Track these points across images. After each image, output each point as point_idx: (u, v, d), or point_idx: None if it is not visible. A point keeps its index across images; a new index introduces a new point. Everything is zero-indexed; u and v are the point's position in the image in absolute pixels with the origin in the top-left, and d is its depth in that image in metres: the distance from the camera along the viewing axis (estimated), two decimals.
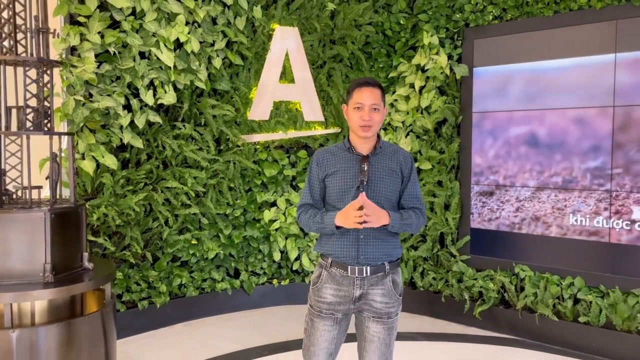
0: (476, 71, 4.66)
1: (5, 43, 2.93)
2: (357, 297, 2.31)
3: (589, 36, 4.09)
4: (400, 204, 2.40)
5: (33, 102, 3.00)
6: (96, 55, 3.96)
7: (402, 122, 4.95)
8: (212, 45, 4.58)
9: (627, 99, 3.93)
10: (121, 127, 4.13)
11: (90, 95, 4.00)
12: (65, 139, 3.67)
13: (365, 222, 2.16)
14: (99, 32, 3.96)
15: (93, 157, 3.99)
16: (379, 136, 2.40)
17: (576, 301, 4.16)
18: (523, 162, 4.44)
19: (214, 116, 4.67)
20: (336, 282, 2.32)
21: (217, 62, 4.56)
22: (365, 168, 2.29)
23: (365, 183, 2.28)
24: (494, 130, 4.58)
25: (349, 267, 2.29)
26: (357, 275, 2.29)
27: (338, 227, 2.26)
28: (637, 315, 3.83)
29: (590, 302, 4.05)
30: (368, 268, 2.29)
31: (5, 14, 2.93)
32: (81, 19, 3.92)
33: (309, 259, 5.04)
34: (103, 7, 4.02)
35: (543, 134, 4.34)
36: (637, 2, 3.84)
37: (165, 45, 4.21)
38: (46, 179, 3.61)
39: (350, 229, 2.26)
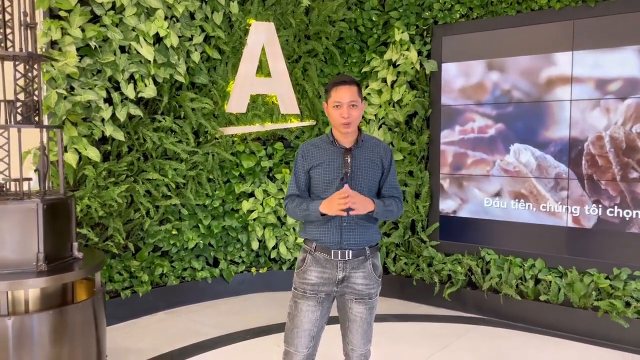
0: (444, 66, 4.91)
1: None
2: (340, 280, 2.44)
3: (548, 35, 4.38)
4: (380, 193, 2.54)
5: (21, 97, 3.07)
6: (77, 49, 4.02)
7: (375, 115, 5.17)
8: (191, 39, 4.68)
9: (583, 94, 4.24)
10: (103, 120, 4.20)
11: (72, 88, 4.06)
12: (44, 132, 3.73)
13: (350, 209, 2.31)
14: (79, 27, 4.01)
15: (75, 149, 4.06)
16: (360, 130, 2.53)
17: (537, 281, 4.48)
18: (486, 151, 4.72)
19: (193, 109, 4.77)
20: (320, 265, 2.45)
21: (196, 56, 4.66)
22: (349, 160, 2.42)
23: (348, 174, 2.41)
24: (460, 121, 4.85)
25: (332, 251, 2.42)
26: (339, 258, 2.42)
27: (322, 215, 2.39)
28: (592, 293, 4.16)
29: (550, 282, 4.37)
30: (350, 252, 2.42)
31: None
32: (62, 13, 3.97)
33: (286, 248, 5.22)
34: (83, 1, 4.07)
35: (506, 124, 4.62)
36: (593, 2, 4.14)
37: (145, 40, 4.29)
38: (35, 171, 3.68)
39: (334, 216, 2.41)
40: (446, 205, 4.98)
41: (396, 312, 4.77)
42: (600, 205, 4.21)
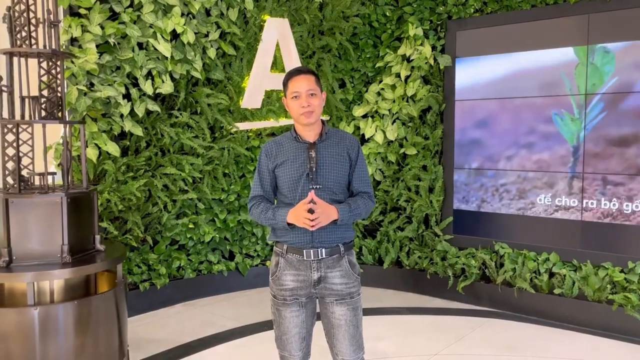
0: (458, 61, 4.93)
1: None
2: (316, 281, 2.33)
3: (563, 29, 4.38)
4: (350, 188, 2.43)
5: (44, 93, 3.15)
6: (97, 46, 4.10)
7: (389, 110, 5.20)
8: (207, 36, 4.74)
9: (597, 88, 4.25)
10: (122, 116, 4.28)
11: (92, 84, 4.14)
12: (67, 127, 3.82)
13: (316, 224, 2.20)
14: (99, 24, 4.09)
15: (96, 144, 4.14)
16: (324, 123, 2.44)
17: (551, 275, 4.50)
18: (502, 147, 4.74)
19: (209, 105, 4.84)
20: (294, 268, 2.34)
21: (212, 53, 4.72)
22: (313, 155, 2.31)
23: (314, 170, 2.31)
24: (475, 116, 4.87)
25: (304, 251, 2.31)
26: (312, 258, 2.31)
27: (289, 224, 2.28)
28: (607, 286, 4.17)
29: (564, 276, 4.39)
30: (323, 250, 2.32)
31: (18, 8, 3.06)
32: (82, 11, 4.05)
33: None
34: None
35: (519, 119, 4.64)
36: None
37: (162, 37, 4.36)
38: (57, 165, 3.76)
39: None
40: (460, 200, 5.01)
41: (410, 305, 4.82)
42: (615, 199, 4.22)
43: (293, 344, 2.38)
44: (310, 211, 2.20)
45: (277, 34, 5.15)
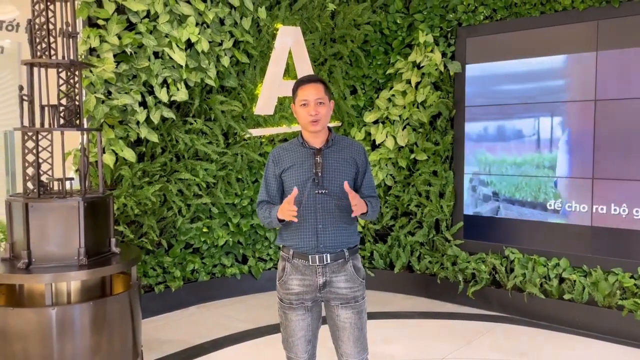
0: (468, 67, 4.97)
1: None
2: (322, 285, 2.39)
3: (572, 35, 4.40)
4: (360, 194, 2.47)
5: (63, 101, 3.28)
6: (114, 56, 4.24)
7: (400, 116, 5.26)
8: (220, 44, 4.86)
9: (607, 93, 4.26)
10: (138, 123, 4.41)
11: (109, 93, 4.28)
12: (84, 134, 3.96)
13: (295, 215, 2.25)
14: (116, 34, 4.23)
15: (113, 150, 4.28)
16: (330, 130, 2.51)
17: (561, 280, 4.50)
18: (512, 152, 4.76)
19: (223, 111, 4.95)
20: (300, 273, 2.40)
21: (225, 61, 4.84)
22: (319, 160, 2.37)
23: (320, 175, 2.36)
24: (485, 122, 4.90)
25: (309, 256, 2.37)
26: (318, 263, 2.37)
27: (281, 220, 2.35)
28: (617, 292, 4.17)
29: (574, 281, 4.39)
30: (328, 255, 2.37)
31: (38, 20, 3.20)
32: (100, 22, 4.20)
33: None
34: (120, 10, 4.29)
35: (529, 125, 4.66)
36: (617, 3, 4.15)
37: (177, 46, 4.49)
38: (76, 171, 3.90)
39: (309, 221, 2.37)
40: (470, 205, 5.04)
41: (420, 310, 4.86)
42: (624, 205, 4.21)
43: (299, 346, 2.45)
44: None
45: (289, 42, 5.26)
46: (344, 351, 2.44)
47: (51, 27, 3.25)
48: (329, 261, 2.38)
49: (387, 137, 5.28)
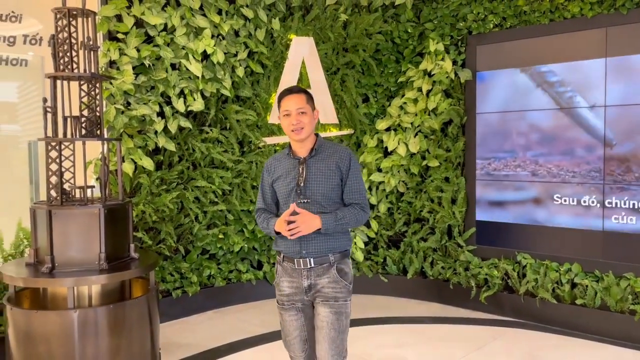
0: (479, 75, 5.04)
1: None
2: (307, 287, 2.49)
3: (581, 42, 4.44)
4: (343, 199, 2.55)
5: (84, 113, 3.42)
6: (133, 68, 4.40)
7: (411, 123, 5.34)
8: (235, 55, 4.99)
9: (617, 99, 4.29)
10: (156, 132, 4.55)
11: (129, 104, 4.43)
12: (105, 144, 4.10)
13: (295, 233, 2.38)
14: (135, 47, 4.38)
15: (132, 159, 4.42)
16: (317, 138, 2.56)
17: (573, 285, 4.52)
18: (523, 158, 4.80)
19: (238, 121, 5.08)
20: (289, 275, 2.53)
21: (240, 71, 4.97)
22: (301, 171, 2.48)
23: (302, 185, 2.46)
24: (497, 128, 4.95)
25: (295, 260, 2.49)
26: (302, 267, 2.47)
27: (277, 233, 2.50)
28: (629, 297, 4.18)
29: (586, 286, 4.41)
30: (312, 260, 2.46)
31: (61, 35, 3.35)
32: (119, 36, 4.36)
33: None
34: (138, 24, 4.45)
35: (541, 132, 4.70)
36: (625, 10, 4.19)
37: (194, 57, 4.63)
38: (96, 179, 4.04)
39: None
40: (482, 211, 5.08)
41: (433, 315, 4.90)
42: (636, 209, 4.23)
43: (296, 345, 2.58)
44: (291, 222, 2.39)
45: (303, 52, 5.37)
46: (318, 353, 2.48)
47: (73, 41, 3.41)
48: (312, 265, 2.47)
49: (399, 144, 5.35)
